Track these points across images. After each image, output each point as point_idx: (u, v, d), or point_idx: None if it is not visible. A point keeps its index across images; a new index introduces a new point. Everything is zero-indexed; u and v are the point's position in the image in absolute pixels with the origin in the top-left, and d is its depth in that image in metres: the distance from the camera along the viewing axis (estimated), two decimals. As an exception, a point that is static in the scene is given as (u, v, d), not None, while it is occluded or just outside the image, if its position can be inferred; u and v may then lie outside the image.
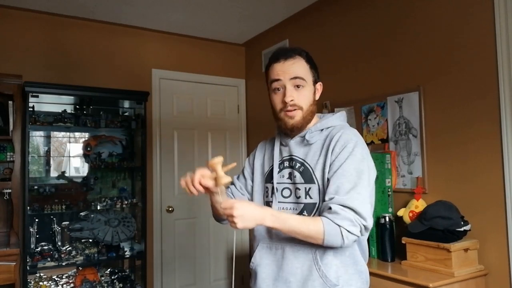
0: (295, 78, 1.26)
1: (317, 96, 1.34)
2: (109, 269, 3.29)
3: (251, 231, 1.47)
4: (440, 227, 1.99)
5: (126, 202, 3.24)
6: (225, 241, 3.97)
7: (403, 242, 2.15)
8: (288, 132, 1.32)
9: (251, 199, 1.43)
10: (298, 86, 1.26)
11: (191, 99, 3.92)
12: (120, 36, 3.56)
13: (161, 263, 3.63)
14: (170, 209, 3.69)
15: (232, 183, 1.49)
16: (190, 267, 3.78)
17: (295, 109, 1.26)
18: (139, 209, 3.36)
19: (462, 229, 1.99)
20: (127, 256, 3.22)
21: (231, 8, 3.27)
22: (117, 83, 3.43)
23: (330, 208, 1.14)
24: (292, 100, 1.25)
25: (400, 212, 2.28)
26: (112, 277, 3.19)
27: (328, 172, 1.22)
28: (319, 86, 1.35)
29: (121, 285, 3.12)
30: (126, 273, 3.31)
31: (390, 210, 2.41)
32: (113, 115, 3.35)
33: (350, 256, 1.23)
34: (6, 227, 2.92)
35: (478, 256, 2.03)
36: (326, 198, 1.19)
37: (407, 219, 2.23)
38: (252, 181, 1.45)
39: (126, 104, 3.54)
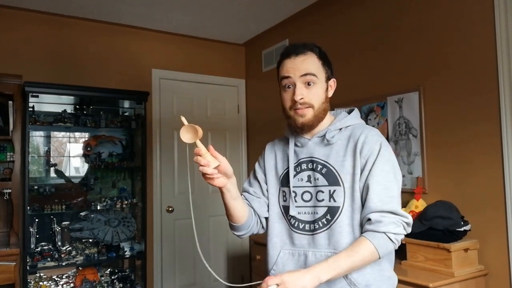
0: (306, 74, 1.21)
1: (330, 93, 1.29)
2: (109, 269, 3.29)
3: (262, 236, 1.44)
4: (440, 227, 1.98)
5: (126, 202, 3.24)
6: (225, 241, 3.96)
7: (403, 242, 2.14)
8: (298, 130, 1.27)
9: (268, 203, 1.38)
10: (309, 84, 1.22)
11: (191, 99, 3.92)
12: (120, 36, 3.56)
13: (161, 263, 3.63)
14: (170, 209, 3.69)
15: (244, 190, 1.43)
16: (190, 267, 3.78)
17: (306, 107, 1.22)
18: (139, 209, 3.36)
19: (462, 229, 1.99)
20: (127, 256, 3.22)
21: (231, 8, 3.27)
22: (117, 83, 3.44)
23: (369, 219, 1.13)
24: (302, 99, 1.21)
25: (400, 212, 2.28)
26: (112, 277, 3.19)
27: (360, 178, 1.19)
28: (332, 82, 1.29)
29: (121, 285, 3.12)
30: (126, 273, 3.31)
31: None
32: (113, 115, 3.35)
33: (376, 262, 1.19)
34: (6, 227, 2.92)
35: (478, 256, 2.03)
36: (364, 206, 1.17)
37: (407, 219, 2.23)
38: (267, 184, 1.39)
39: (126, 104, 3.54)
